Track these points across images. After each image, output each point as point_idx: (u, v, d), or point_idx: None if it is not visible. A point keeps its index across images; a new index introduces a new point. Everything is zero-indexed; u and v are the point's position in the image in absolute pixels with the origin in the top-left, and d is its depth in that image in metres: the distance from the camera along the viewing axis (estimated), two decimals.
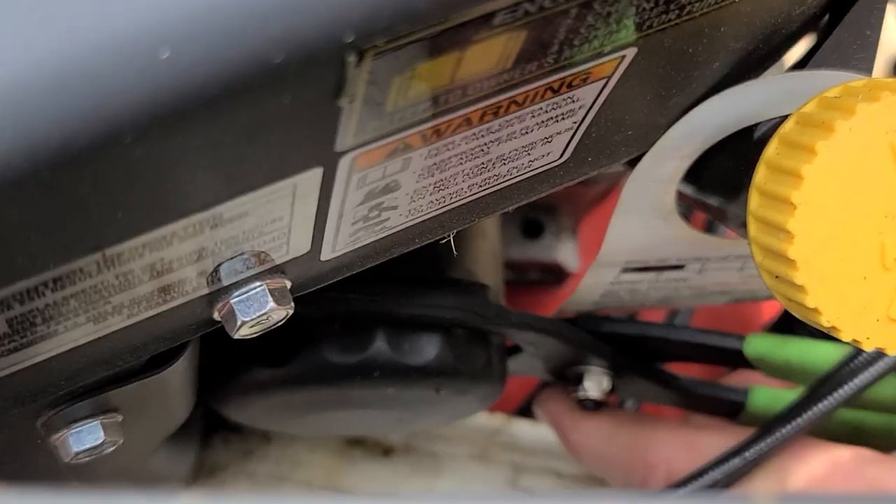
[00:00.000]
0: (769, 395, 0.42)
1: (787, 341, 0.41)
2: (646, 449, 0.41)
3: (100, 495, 0.17)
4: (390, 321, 0.37)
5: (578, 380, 0.43)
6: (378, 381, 0.37)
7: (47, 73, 0.19)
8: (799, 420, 0.37)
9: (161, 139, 0.21)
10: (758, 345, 0.41)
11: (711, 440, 0.40)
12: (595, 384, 0.43)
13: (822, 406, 0.37)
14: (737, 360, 0.42)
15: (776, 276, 0.29)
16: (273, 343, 0.37)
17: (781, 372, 0.42)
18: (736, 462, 0.37)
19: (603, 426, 0.43)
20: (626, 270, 0.38)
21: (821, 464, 0.38)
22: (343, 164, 0.25)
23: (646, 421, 0.43)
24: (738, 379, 0.44)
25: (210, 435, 0.50)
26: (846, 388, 0.37)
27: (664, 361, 0.44)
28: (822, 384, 0.38)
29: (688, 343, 0.42)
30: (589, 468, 0.45)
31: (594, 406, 0.43)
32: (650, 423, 0.42)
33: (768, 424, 0.38)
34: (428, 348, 0.38)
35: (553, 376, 0.44)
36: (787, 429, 0.37)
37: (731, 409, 0.43)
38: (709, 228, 0.52)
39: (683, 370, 0.44)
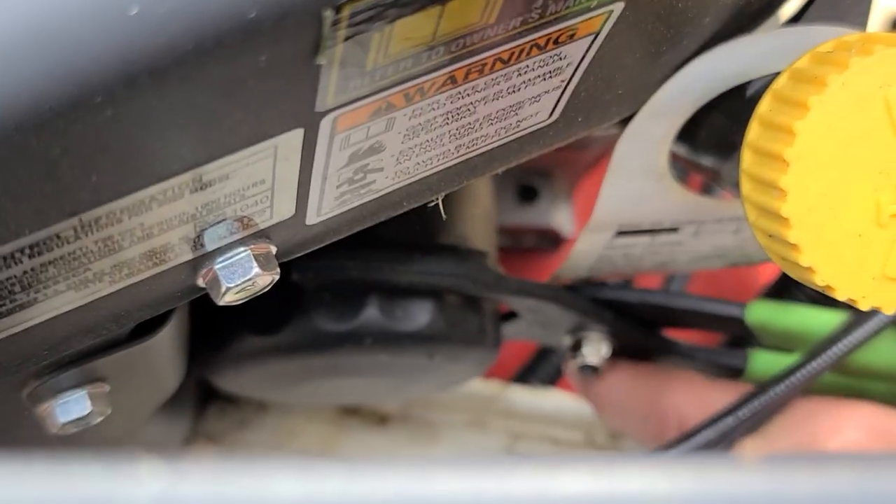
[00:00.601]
0: (768, 359, 0.42)
1: (788, 309, 0.41)
2: (660, 399, 0.41)
3: (57, 462, 0.16)
4: (382, 288, 0.37)
5: (577, 346, 0.43)
6: (370, 349, 0.37)
7: (12, 31, 0.19)
8: (793, 378, 0.37)
9: (132, 99, 0.20)
10: (759, 312, 0.41)
11: (719, 393, 0.40)
12: (594, 350, 0.43)
13: (817, 364, 0.37)
14: (737, 327, 0.42)
15: (770, 236, 0.29)
16: (264, 311, 0.36)
17: (781, 340, 0.41)
18: (729, 421, 0.37)
19: (623, 378, 0.43)
20: (619, 234, 0.37)
21: (834, 422, 0.37)
22: (324, 125, 0.25)
23: (662, 372, 0.43)
24: None
25: (205, 405, 0.49)
26: (840, 345, 0.37)
27: (664, 328, 0.44)
28: (823, 347, 0.38)
29: (688, 310, 0.42)
30: (611, 423, 0.45)
31: (593, 372, 0.43)
32: (666, 374, 0.42)
33: (763, 384, 0.38)
34: (420, 314, 0.37)
35: (551, 342, 0.44)
36: (781, 387, 0.37)
37: (730, 374, 0.43)
38: (705, 191, 0.51)
39: (681, 337, 0.44)
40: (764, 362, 0.42)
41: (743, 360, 0.42)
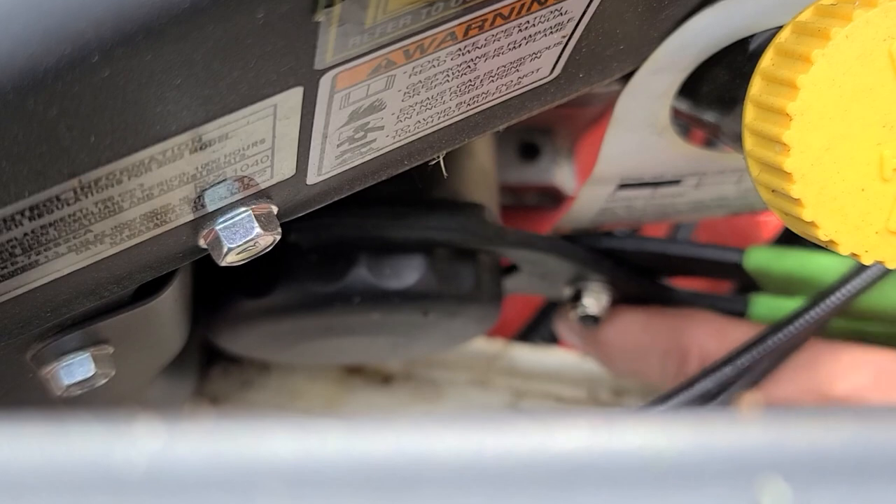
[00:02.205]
0: (769, 304, 0.42)
1: (786, 253, 0.41)
2: (680, 335, 0.41)
3: (55, 422, 0.16)
4: (372, 246, 0.37)
5: (578, 296, 0.43)
6: (360, 308, 0.37)
7: None
8: (794, 326, 0.37)
9: (129, 58, 0.20)
10: (758, 257, 0.41)
11: (740, 329, 0.40)
12: (594, 300, 0.43)
13: (819, 311, 0.37)
14: (736, 273, 0.41)
15: (773, 191, 0.29)
16: (256, 272, 0.36)
17: (782, 284, 0.41)
18: (727, 371, 0.37)
19: (638, 318, 0.43)
20: (621, 187, 0.37)
21: (840, 367, 0.37)
22: (324, 83, 0.25)
23: (678, 311, 0.43)
24: None
25: (209, 366, 0.49)
26: (840, 293, 0.37)
27: (663, 276, 0.44)
28: (823, 295, 0.38)
29: (687, 257, 0.42)
30: (621, 367, 0.45)
31: (594, 322, 0.43)
32: (683, 312, 0.42)
33: (762, 334, 0.38)
34: (409, 271, 0.37)
35: (552, 294, 0.44)
36: (781, 336, 0.37)
37: None
38: (707, 144, 0.51)
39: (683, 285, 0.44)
40: (765, 307, 0.42)
41: (743, 306, 0.42)
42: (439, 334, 0.41)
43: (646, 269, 0.43)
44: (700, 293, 0.43)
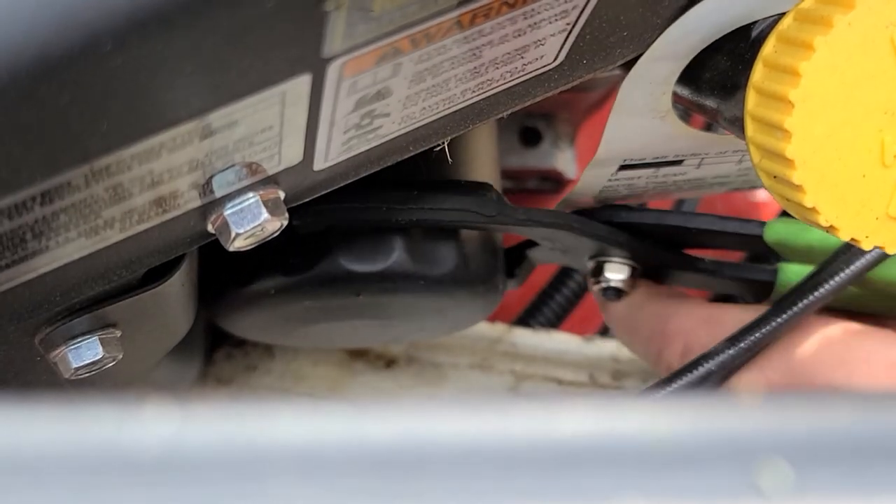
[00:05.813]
0: (798, 271, 0.41)
1: (807, 226, 0.40)
2: (667, 320, 0.41)
3: (69, 405, 0.17)
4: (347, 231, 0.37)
5: (599, 270, 0.43)
6: (327, 292, 0.37)
7: None
8: (794, 309, 0.37)
9: (141, 46, 0.20)
10: (778, 230, 0.40)
11: (733, 313, 0.40)
12: (615, 274, 0.42)
13: (817, 295, 0.37)
14: (756, 245, 0.41)
15: (774, 177, 0.29)
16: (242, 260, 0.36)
17: (803, 256, 0.40)
18: (730, 353, 0.37)
19: (637, 297, 0.43)
20: (623, 168, 0.37)
21: (843, 357, 0.37)
22: (332, 71, 0.25)
23: (675, 295, 0.42)
24: None
25: (213, 351, 0.50)
26: (843, 274, 0.37)
27: (682, 248, 0.43)
28: (822, 269, 0.38)
29: (707, 230, 0.41)
30: (623, 343, 0.45)
31: (616, 295, 0.42)
32: (678, 297, 0.42)
33: (762, 316, 0.38)
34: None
35: (576, 266, 0.44)
36: (782, 318, 0.37)
37: (760, 289, 0.42)
38: (708, 128, 0.51)
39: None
40: (795, 274, 0.40)
41: (772, 275, 0.41)
42: (420, 316, 0.40)
43: (665, 243, 0.42)
44: (726, 262, 0.42)
